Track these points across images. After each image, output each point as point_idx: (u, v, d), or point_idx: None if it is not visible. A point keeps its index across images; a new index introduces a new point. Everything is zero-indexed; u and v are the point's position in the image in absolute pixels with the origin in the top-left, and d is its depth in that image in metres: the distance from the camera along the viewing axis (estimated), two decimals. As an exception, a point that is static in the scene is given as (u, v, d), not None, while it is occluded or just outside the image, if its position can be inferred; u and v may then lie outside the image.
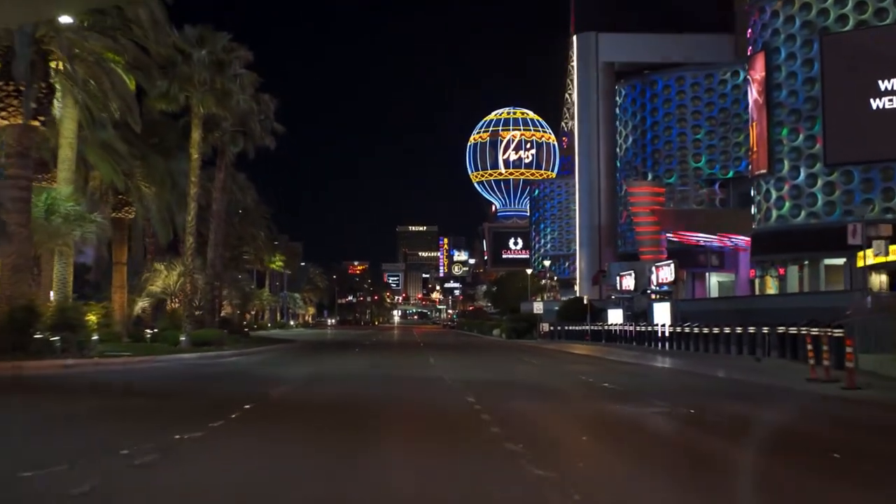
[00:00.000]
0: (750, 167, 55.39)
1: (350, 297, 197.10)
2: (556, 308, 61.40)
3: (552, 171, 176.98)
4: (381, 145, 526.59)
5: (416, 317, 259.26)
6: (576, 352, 37.96)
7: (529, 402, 14.48)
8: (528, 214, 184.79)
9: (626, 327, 44.69)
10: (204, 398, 14.85)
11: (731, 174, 68.11)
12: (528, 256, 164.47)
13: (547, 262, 69.16)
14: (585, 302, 58.35)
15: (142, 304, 33.78)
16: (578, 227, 67.79)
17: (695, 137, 69.43)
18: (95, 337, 24.50)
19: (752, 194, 53.87)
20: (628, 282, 52.78)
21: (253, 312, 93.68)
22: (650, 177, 69.82)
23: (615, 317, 51.68)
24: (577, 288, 70.50)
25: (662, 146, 70.66)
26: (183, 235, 32.00)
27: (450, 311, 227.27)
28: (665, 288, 44.88)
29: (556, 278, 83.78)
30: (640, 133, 72.16)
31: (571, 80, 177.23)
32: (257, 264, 57.61)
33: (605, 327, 48.62)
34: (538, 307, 59.12)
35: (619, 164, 74.22)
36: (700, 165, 69.29)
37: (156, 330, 32.00)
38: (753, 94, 53.77)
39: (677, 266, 43.78)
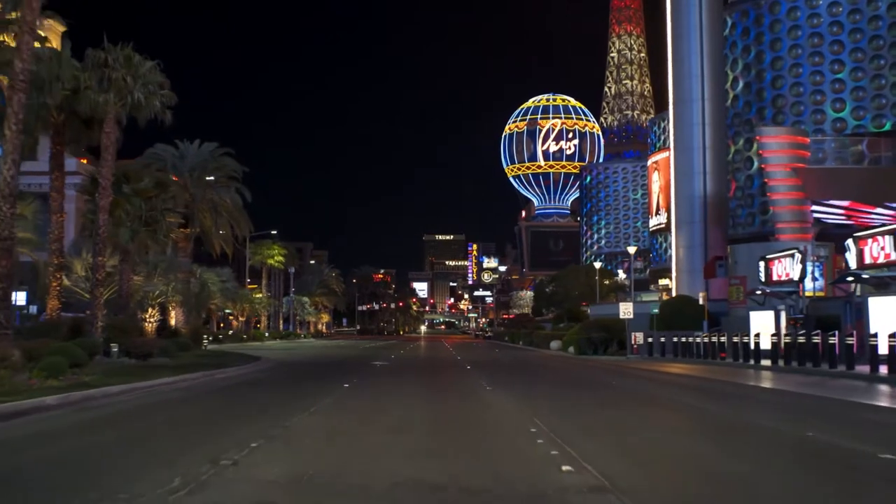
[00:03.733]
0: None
1: (373, 304, 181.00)
2: (655, 311, 42.59)
3: (597, 163, 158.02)
4: (408, 156, 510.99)
5: (443, 326, 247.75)
6: (795, 391, 19.79)
7: None
8: (569, 212, 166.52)
9: (819, 339, 25.81)
10: None
11: (888, 126, 49.41)
12: (569, 259, 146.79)
13: (632, 249, 50.20)
14: (701, 302, 39.73)
15: None
16: (674, 201, 48.75)
17: (835, 77, 50.69)
18: None
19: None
20: (786, 268, 33.77)
21: (242, 318, 76.22)
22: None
23: (763, 322, 32.85)
24: (671, 283, 51.54)
25: (788, 90, 51.93)
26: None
27: (481, 320, 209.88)
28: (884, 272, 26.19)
29: (625, 275, 65.04)
30: (756, 75, 53.22)
31: (614, 54, 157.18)
32: (220, 244, 39.81)
33: (766, 340, 29.96)
34: (627, 310, 40.11)
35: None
36: (843, 115, 50.57)
37: None
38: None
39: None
